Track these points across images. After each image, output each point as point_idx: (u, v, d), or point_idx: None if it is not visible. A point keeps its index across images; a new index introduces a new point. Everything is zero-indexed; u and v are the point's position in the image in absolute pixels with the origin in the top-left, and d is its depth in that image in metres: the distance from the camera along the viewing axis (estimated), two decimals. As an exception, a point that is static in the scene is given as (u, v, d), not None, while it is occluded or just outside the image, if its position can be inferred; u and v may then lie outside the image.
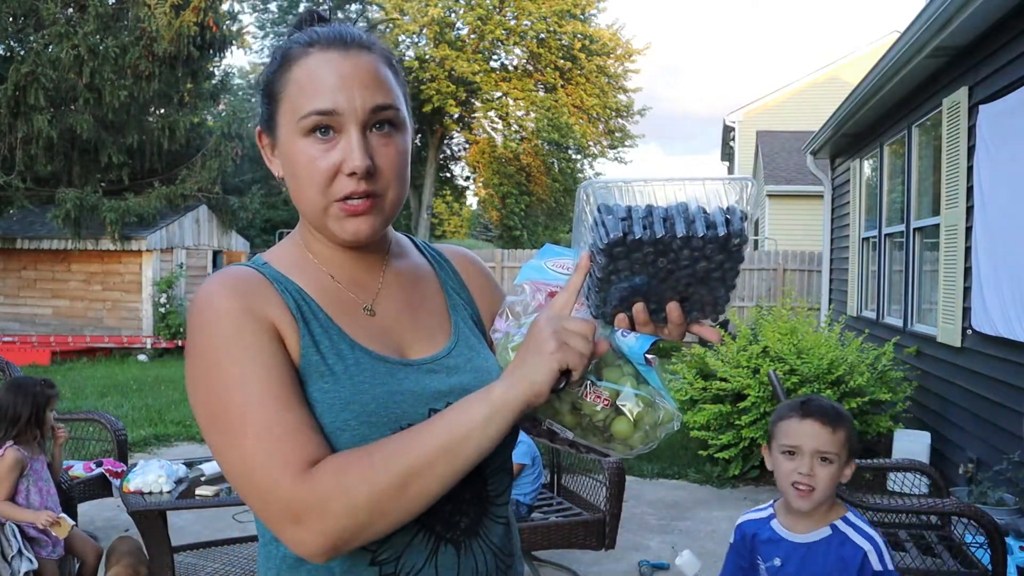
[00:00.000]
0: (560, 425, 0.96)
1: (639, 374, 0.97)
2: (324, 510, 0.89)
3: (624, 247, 0.87)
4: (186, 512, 4.59)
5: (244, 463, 0.93)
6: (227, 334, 0.97)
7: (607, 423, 0.95)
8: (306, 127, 1.01)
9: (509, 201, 26.68)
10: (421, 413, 1.02)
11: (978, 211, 4.81)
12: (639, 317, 0.94)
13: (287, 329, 1.00)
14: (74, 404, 8.27)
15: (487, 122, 27.70)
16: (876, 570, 1.83)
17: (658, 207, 0.87)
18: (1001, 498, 4.03)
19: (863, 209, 8.55)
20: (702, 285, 0.92)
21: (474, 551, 1.05)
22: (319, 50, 1.02)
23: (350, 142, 1.00)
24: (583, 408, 0.94)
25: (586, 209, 0.90)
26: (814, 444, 1.85)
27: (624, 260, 0.88)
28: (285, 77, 1.04)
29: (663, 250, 0.87)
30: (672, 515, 5.07)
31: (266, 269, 1.07)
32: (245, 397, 0.94)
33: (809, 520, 1.90)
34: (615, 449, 0.98)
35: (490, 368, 1.11)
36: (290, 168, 1.04)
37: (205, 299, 1.00)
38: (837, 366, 5.42)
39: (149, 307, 13.65)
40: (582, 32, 25.41)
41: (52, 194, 13.23)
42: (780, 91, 20.78)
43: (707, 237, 0.87)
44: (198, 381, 0.98)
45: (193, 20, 13.01)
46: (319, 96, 1.00)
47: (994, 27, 4.72)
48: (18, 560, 3.10)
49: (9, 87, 12.04)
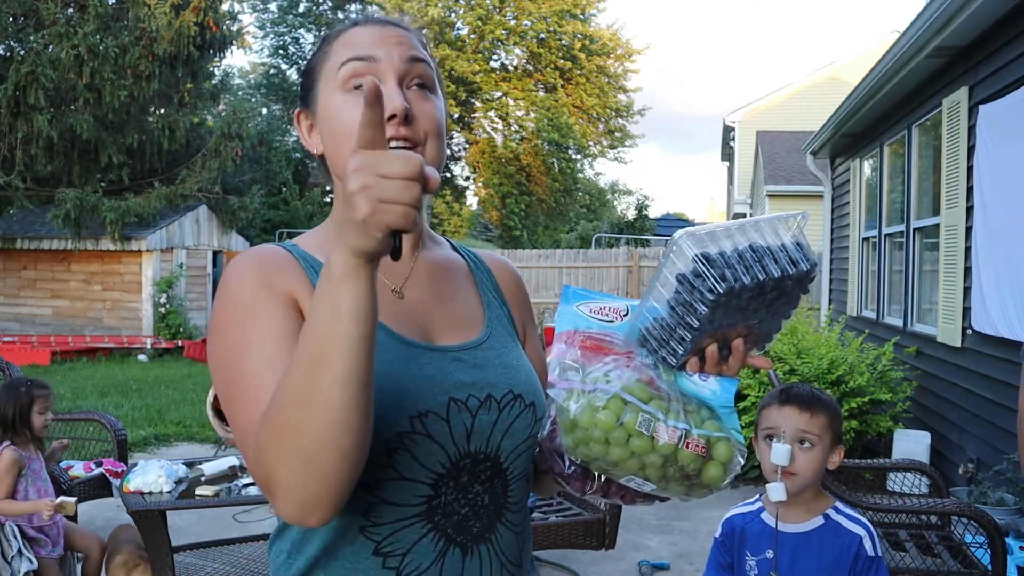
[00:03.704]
0: (642, 479, 0.93)
1: (717, 416, 0.95)
2: (268, 475, 0.85)
3: (728, 296, 0.87)
4: (186, 512, 4.59)
5: (237, 427, 0.93)
6: (239, 303, 0.97)
7: (698, 470, 0.94)
8: (344, 77, 1.03)
9: (509, 201, 26.67)
10: (441, 401, 0.99)
11: (978, 211, 4.81)
12: (712, 358, 0.94)
13: (308, 303, 0.98)
14: (74, 404, 8.28)
15: (487, 122, 27.71)
16: (869, 555, 1.85)
17: (746, 251, 0.88)
18: (1001, 498, 4.03)
19: (863, 209, 8.55)
20: (772, 319, 0.93)
21: (480, 556, 1.03)
22: (358, 26, 1.07)
23: (388, 89, 1.01)
24: (679, 459, 0.92)
25: (675, 259, 0.89)
26: (793, 426, 1.89)
27: (723, 308, 0.88)
28: (324, 51, 1.08)
29: (758, 293, 0.88)
30: (672, 515, 5.07)
31: (294, 249, 1.07)
32: (244, 363, 0.93)
33: (800, 510, 1.91)
34: (694, 495, 0.96)
35: (520, 366, 1.09)
36: (329, 127, 1.04)
37: (230, 270, 1.01)
38: (837, 366, 5.42)
39: (149, 307, 13.65)
40: (582, 32, 25.43)
41: (52, 194, 13.24)
42: (780, 91, 20.76)
43: (793, 275, 0.89)
44: (211, 350, 0.99)
45: (193, 20, 13.02)
46: (357, 48, 1.04)
47: (994, 27, 4.72)
48: (18, 560, 3.10)
49: (9, 87, 12.04)
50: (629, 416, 0.90)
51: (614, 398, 0.91)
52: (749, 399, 5.39)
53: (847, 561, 1.84)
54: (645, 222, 24.58)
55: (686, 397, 0.96)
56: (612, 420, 0.90)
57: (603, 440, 0.90)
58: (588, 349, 0.98)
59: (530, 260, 15.63)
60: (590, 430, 0.91)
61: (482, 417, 1.02)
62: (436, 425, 0.99)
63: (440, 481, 0.99)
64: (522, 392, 1.06)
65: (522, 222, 27.35)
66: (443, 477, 0.99)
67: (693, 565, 4.20)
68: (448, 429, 0.99)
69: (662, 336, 0.93)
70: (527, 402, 1.06)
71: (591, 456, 0.92)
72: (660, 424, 0.90)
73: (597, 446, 0.91)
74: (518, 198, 26.75)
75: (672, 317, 0.91)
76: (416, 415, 0.97)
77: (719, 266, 0.86)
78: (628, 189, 37.33)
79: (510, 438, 1.04)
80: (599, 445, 0.91)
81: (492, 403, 1.03)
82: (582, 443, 0.92)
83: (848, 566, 1.84)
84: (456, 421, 1.00)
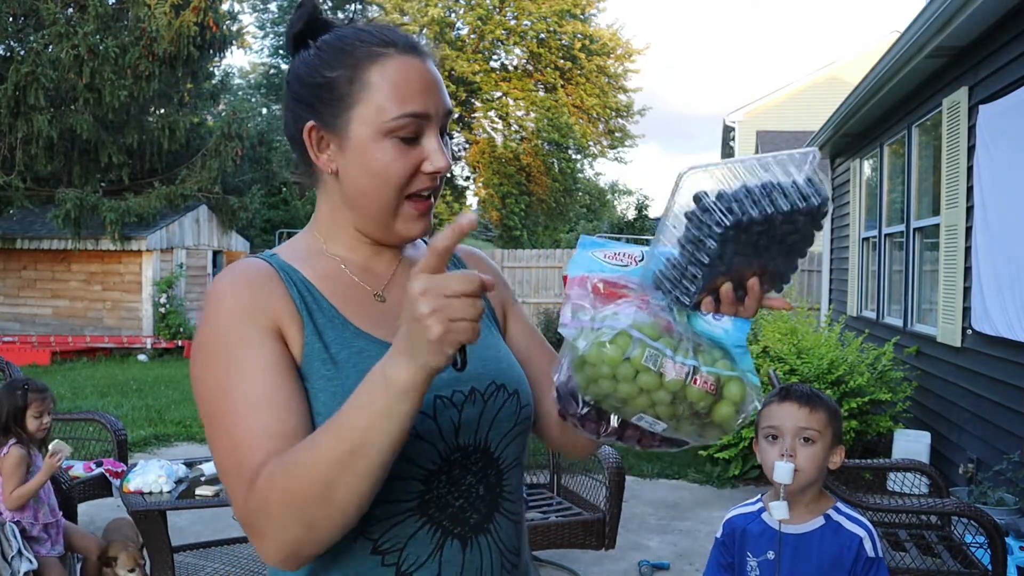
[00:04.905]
0: (653, 418, 0.93)
1: (731, 356, 0.96)
2: (262, 523, 0.89)
3: (737, 229, 0.87)
4: (186, 512, 4.59)
5: (222, 467, 0.96)
6: (222, 334, 0.98)
7: (708, 409, 0.94)
8: (393, 128, 1.02)
9: (509, 201, 26.66)
10: (427, 400, 1.00)
11: (978, 211, 4.81)
12: (727, 298, 0.94)
13: (290, 322, 1.01)
14: (74, 404, 8.28)
15: (487, 122, 27.71)
16: (869, 557, 1.85)
17: (755, 186, 0.88)
18: (1001, 498, 4.03)
19: (863, 209, 8.55)
20: (786, 257, 0.94)
21: (480, 547, 1.04)
22: (398, 53, 1.04)
23: (431, 143, 1.04)
24: (688, 396, 0.92)
25: (682, 197, 0.90)
26: (793, 423, 1.89)
27: (732, 243, 0.88)
28: (360, 77, 1.03)
29: (768, 228, 0.89)
30: (672, 515, 5.07)
31: (274, 260, 1.08)
32: (224, 403, 0.95)
33: (801, 511, 1.91)
34: (706, 436, 0.96)
35: (501, 357, 1.11)
36: (364, 165, 1.04)
37: (212, 294, 1.02)
38: (837, 366, 5.42)
39: (149, 307, 13.65)
40: (582, 32, 25.43)
41: (52, 194, 13.24)
42: (780, 91, 20.76)
43: (803, 209, 0.89)
44: (194, 376, 1.01)
45: (193, 20, 13.01)
46: (411, 100, 1.03)
47: (994, 27, 4.72)
48: (18, 560, 3.10)
49: (9, 87, 12.04)
50: (636, 351, 0.90)
51: (620, 333, 0.91)
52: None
53: (847, 562, 1.84)
54: (645, 222, 24.57)
55: (699, 337, 0.96)
56: (618, 355, 0.90)
57: (611, 376, 0.91)
58: (601, 293, 0.98)
59: (530, 260, 15.61)
60: (598, 366, 0.91)
61: (468, 411, 1.04)
62: (424, 424, 1.00)
63: (432, 476, 1.01)
64: (504, 382, 1.08)
65: (522, 222, 27.34)
66: (434, 473, 1.01)
67: (693, 565, 4.20)
68: (436, 426, 1.01)
69: (674, 276, 0.94)
70: (510, 391, 1.08)
71: (601, 394, 0.93)
72: (667, 360, 0.91)
73: (606, 382, 0.91)
74: (518, 198, 26.74)
75: (683, 255, 0.91)
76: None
77: (726, 199, 0.87)
78: (628, 189, 37.36)
79: (497, 428, 1.06)
80: (607, 381, 0.91)
81: (476, 396, 1.05)
82: (592, 381, 0.92)
83: (848, 567, 1.84)
84: (443, 418, 1.02)
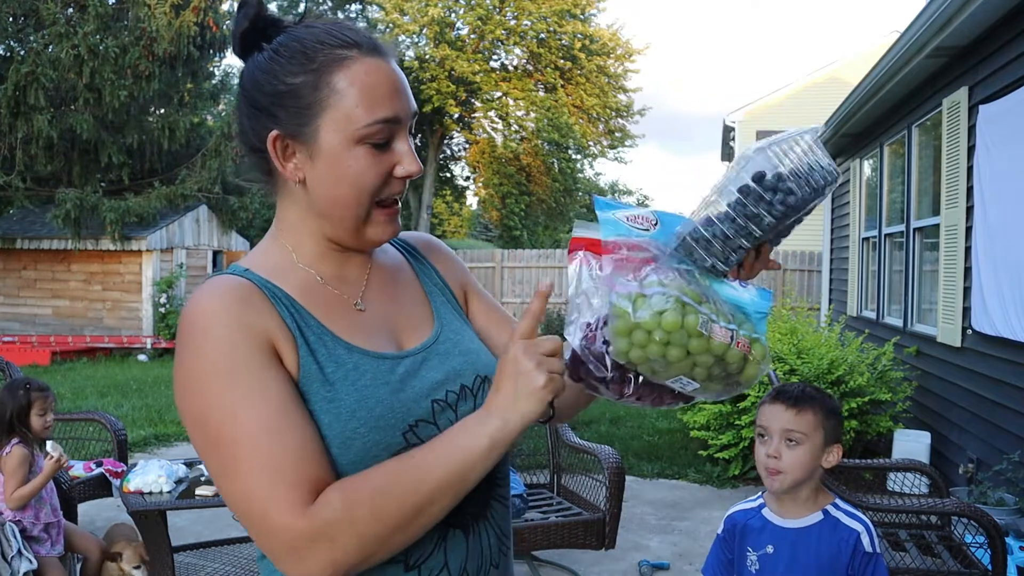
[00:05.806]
0: (688, 379, 0.97)
1: (751, 320, 1.00)
2: (333, 543, 0.89)
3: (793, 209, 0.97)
4: (186, 512, 4.59)
5: (241, 498, 0.92)
6: (217, 359, 0.94)
7: (740, 369, 0.98)
8: (365, 135, 1.00)
9: (509, 201, 26.66)
10: (425, 407, 1.03)
11: (978, 211, 4.81)
12: (750, 265, 1.02)
13: (284, 343, 0.98)
14: (74, 404, 8.28)
15: (487, 122, 27.68)
16: (867, 552, 1.86)
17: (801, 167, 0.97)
18: (1001, 498, 4.03)
19: (863, 209, 8.55)
20: (789, 225, 1.01)
21: (480, 534, 1.06)
22: (362, 55, 1.01)
23: (403, 147, 1.03)
24: (727, 358, 0.96)
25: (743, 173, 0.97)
26: (780, 424, 1.91)
27: (782, 219, 0.97)
28: (326, 82, 1.00)
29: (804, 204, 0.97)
30: (672, 515, 5.07)
31: (252, 277, 1.02)
32: (237, 430, 0.91)
33: (799, 506, 1.94)
34: (726, 393, 1.01)
35: (479, 349, 1.14)
36: (336, 173, 1.01)
37: (194, 317, 0.96)
38: (837, 366, 5.42)
39: (149, 307, 13.65)
40: (582, 32, 25.39)
41: (52, 194, 13.24)
42: (780, 91, 20.75)
43: (824, 188, 0.98)
44: (189, 402, 0.95)
45: (193, 20, 13.01)
46: (381, 105, 1.01)
47: (994, 27, 4.72)
48: (18, 560, 3.10)
49: (9, 87, 12.04)
50: (691, 317, 0.93)
51: (677, 300, 0.94)
52: (749, 399, 5.39)
53: (845, 556, 1.86)
54: (645, 222, 24.51)
55: (724, 303, 1.01)
56: (678, 321, 0.93)
57: (664, 341, 0.93)
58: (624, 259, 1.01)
59: (530, 260, 15.61)
60: (653, 332, 0.93)
61: (462, 408, 1.06)
62: (427, 430, 1.01)
63: None
64: (488, 373, 1.10)
65: (522, 222, 27.34)
66: None
67: (693, 565, 4.20)
68: (438, 431, 1.01)
69: (718, 246, 0.99)
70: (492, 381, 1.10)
71: (645, 358, 0.95)
72: (716, 325, 0.94)
73: (656, 347, 0.93)
74: (518, 198, 26.73)
75: (733, 228, 0.97)
76: (407, 429, 1.00)
77: (784, 181, 0.96)
78: (628, 189, 37.42)
79: None
80: (658, 346, 0.93)
81: (467, 392, 1.08)
82: (638, 346, 0.94)
83: (846, 561, 1.86)
84: (443, 421, 1.03)
